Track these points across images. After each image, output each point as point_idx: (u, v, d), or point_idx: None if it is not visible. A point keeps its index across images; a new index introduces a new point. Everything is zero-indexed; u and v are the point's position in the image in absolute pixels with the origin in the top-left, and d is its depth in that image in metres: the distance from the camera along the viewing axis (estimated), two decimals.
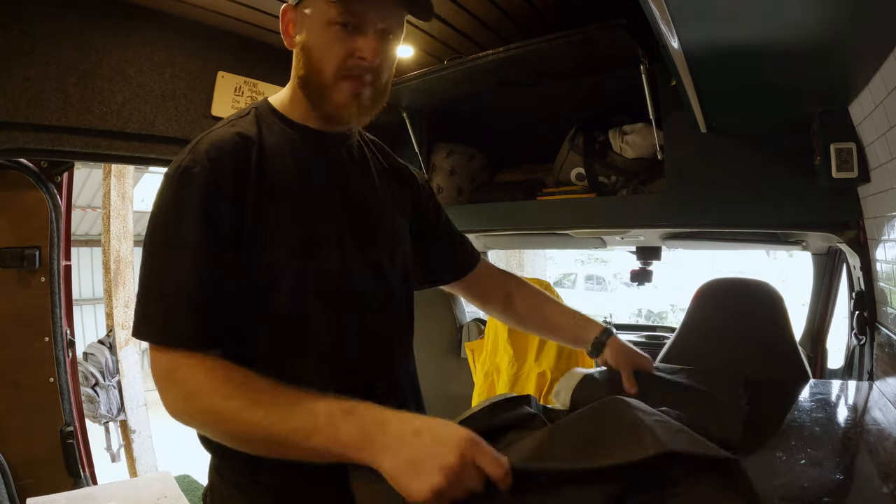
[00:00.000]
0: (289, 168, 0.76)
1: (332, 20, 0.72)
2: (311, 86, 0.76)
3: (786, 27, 0.88)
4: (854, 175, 1.19)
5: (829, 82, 1.14)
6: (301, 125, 0.80)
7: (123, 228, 4.08)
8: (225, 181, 0.70)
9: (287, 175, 0.75)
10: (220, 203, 0.69)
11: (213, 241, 0.68)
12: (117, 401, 3.73)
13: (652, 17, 0.81)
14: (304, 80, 0.77)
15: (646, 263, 2.18)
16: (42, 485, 1.61)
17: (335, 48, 0.73)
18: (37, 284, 1.68)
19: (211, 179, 0.69)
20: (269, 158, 0.74)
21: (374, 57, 0.74)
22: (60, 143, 1.30)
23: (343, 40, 0.73)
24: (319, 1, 0.73)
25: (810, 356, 1.91)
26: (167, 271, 0.67)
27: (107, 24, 1.31)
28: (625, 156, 1.65)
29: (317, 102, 0.77)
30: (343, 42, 0.73)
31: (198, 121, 1.49)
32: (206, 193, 0.68)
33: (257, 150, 0.74)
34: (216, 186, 0.69)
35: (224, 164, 0.70)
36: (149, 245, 0.69)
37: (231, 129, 0.75)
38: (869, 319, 1.31)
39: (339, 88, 0.75)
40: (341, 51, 0.73)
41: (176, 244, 0.67)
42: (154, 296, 0.68)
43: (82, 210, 6.94)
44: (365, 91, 0.76)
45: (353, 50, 0.73)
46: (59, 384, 1.70)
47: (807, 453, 0.85)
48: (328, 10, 0.72)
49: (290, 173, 0.76)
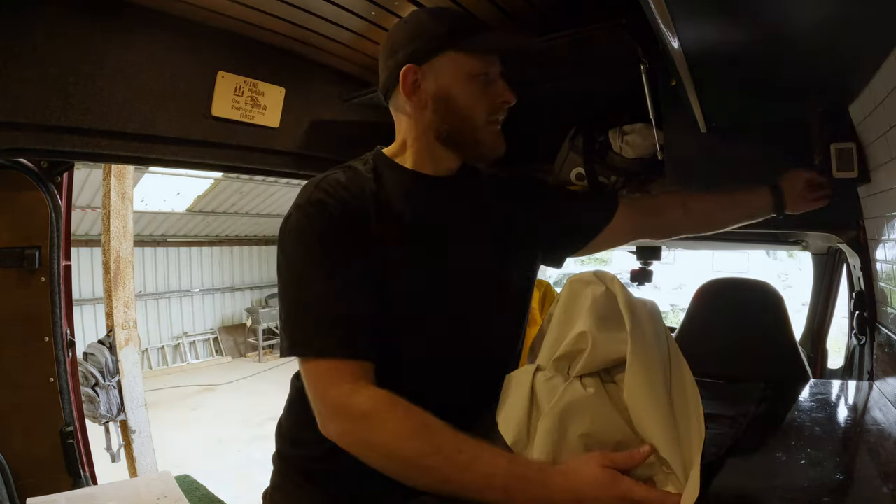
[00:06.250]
0: (408, 210, 0.81)
1: (475, 72, 0.81)
2: (460, 134, 0.84)
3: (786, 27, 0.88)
4: (854, 175, 1.19)
5: (829, 82, 1.14)
6: (415, 171, 0.86)
7: (123, 228, 4.07)
8: (354, 217, 0.76)
9: (406, 216, 0.81)
10: (356, 234, 0.75)
11: (357, 264, 0.75)
12: (117, 401, 3.72)
13: (652, 17, 0.81)
14: (452, 131, 0.83)
15: (646, 263, 2.18)
16: (42, 485, 1.61)
17: (485, 97, 0.82)
18: (37, 284, 1.68)
19: (345, 212, 0.75)
20: (390, 200, 0.80)
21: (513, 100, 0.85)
22: (60, 143, 1.30)
23: (487, 90, 0.82)
24: (458, 56, 0.80)
25: (810, 356, 1.91)
26: (324, 289, 0.73)
27: (107, 24, 1.30)
28: (625, 156, 1.65)
29: (468, 147, 0.85)
30: (487, 90, 0.82)
31: (198, 121, 1.49)
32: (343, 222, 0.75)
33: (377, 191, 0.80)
34: (350, 219, 0.76)
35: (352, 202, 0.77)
36: (295, 266, 0.75)
37: (350, 171, 0.82)
38: (869, 319, 1.31)
39: (489, 130, 0.84)
40: (489, 99, 0.83)
41: (323, 265, 0.73)
42: (319, 313, 0.72)
43: (82, 210, 6.94)
44: (499, 127, 0.86)
45: (497, 96, 0.83)
46: (59, 384, 1.70)
47: (807, 453, 0.85)
48: (471, 64, 0.81)
49: (408, 215, 0.81)
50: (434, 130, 0.84)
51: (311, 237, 0.74)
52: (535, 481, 0.63)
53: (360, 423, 0.68)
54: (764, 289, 1.49)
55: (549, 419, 0.74)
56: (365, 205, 0.77)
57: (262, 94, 1.56)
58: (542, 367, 0.79)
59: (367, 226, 0.76)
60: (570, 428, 0.73)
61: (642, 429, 0.69)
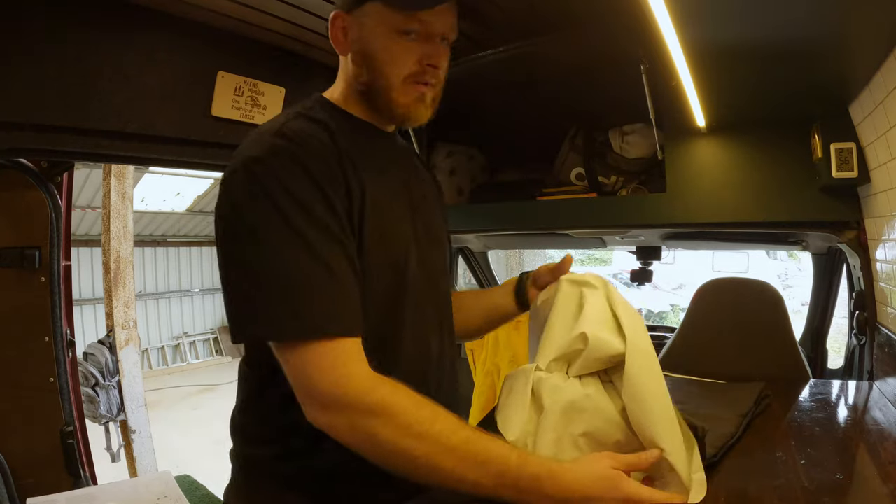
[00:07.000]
0: (367, 160, 0.75)
1: (399, 28, 0.74)
2: (375, 91, 0.78)
3: (786, 27, 0.88)
4: (854, 175, 1.19)
5: (829, 82, 1.14)
6: (363, 120, 0.81)
7: (123, 228, 4.07)
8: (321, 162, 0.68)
9: (367, 167, 0.74)
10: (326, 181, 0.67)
11: (338, 223, 0.67)
12: (117, 401, 3.72)
13: (652, 17, 0.81)
14: (368, 86, 0.78)
15: (646, 263, 2.18)
16: (42, 485, 1.60)
17: (405, 56, 0.75)
18: (37, 284, 1.68)
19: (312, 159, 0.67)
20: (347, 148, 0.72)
21: (444, 65, 0.79)
22: (60, 143, 1.30)
23: (411, 49, 0.75)
24: (383, 9, 0.74)
25: (810, 356, 1.91)
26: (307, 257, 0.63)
27: (107, 24, 1.30)
28: (625, 156, 1.65)
29: (382, 106, 0.79)
30: (411, 50, 0.75)
31: (198, 121, 1.49)
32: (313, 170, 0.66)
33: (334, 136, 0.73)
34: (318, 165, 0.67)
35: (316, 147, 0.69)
36: (266, 232, 0.63)
37: (303, 117, 0.74)
38: (869, 319, 1.31)
39: (406, 91, 0.77)
40: (411, 58, 0.75)
41: (304, 230, 0.63)
42: (298, 287, 0.63)
43: (82, 210, 6.94)
44: (429, 93, 0.79)
45: (422, 57, 0.76)
46: (59, 384, 1.70)
47: (807, 453, 0.85)
48: (391, 18, 0.74)
49: (370, 167, 0.75)
50: (356, 83, 0.79)
51: (282, 196, 0.63)
52: (546, 479, 0.62)
53: (368, 419, 0.62)
54: (764, 289, 1.49)
55: (551, 417, 0.75)
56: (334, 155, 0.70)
57: (262, 94, 1.56)
58: (541, 367, 0.80)
59: (341, 179, 0.69)
60: (571, 426, 0.74)
61: (646, 429, 0.69)
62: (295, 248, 0.63)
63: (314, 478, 0.73)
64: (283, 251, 0.63)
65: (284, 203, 0.64)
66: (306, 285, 0.63)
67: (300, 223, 0.64)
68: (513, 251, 6.51)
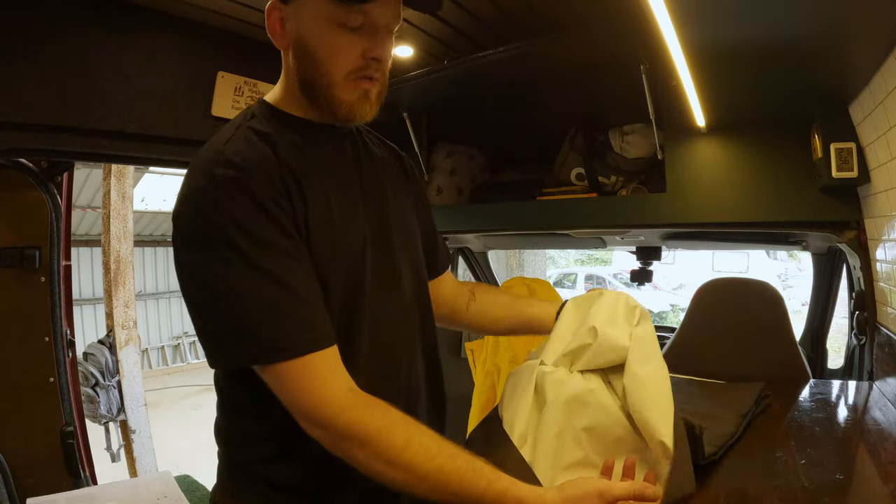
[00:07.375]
0: (311, 167, 0.73)
1: (338, 21, 0.69)
2: (316, 87, 0.73)
3: (786, 27, 0.88)
4: (854, 175, 1.19)
5: (829, 82, 1.14)
6: (305, 121, 0.77)
7: (123, 228, 4.07)
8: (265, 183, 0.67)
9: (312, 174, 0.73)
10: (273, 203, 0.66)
11: (291, 241, 0.67)
12: (117, 401, 3.72)
13: (652, 17, 0.81)
14: (308, 82, 0.74)
15: (646, 263, 2.18)
16: (42, 485, 1.60)
17: (346, 50, 0.70)
18: (37, 284, 1.68)
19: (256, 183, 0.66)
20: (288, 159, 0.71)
21: (387, 57, 0.74)
22: (60, 143, 1.30)
23: (353, 42, 0.70)
24: (322, 0, 0.69)
25: (810, 356, 1.91)
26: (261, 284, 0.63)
27: (107, 24, 1.30)
28: (625, 156, 1.65)
29: (323, 103, 0.74)
30: (354, 44, 0.70)
31: (198, 121, 1.49)
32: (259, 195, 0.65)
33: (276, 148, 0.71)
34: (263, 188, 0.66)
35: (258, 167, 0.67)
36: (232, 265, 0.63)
37: (244, 130, 0.72)
38: (869, 319, 1.31)
39: (349, 88, 0.73)
40: (353, 53, 0.71)
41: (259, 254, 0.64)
42: (265, 315, 0.63)
43: (82, 210, 6.94)
44: (374, 88, 0.75)
45: (365, 51, 0.71)
46: (59, 384, 1.70)
47: (807, 453, 0.85)
48: (332, 10, 0.69)
49: (314, 173, 0.73)
50: (296, 79, 0.75)
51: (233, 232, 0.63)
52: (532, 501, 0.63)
53: (343, 441, 0.64)
54: (764, 289, 1.49)
55: (554, 410, 0.75)
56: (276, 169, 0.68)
57: (262, 94, 1.55)
58: (546, 363, 0.81)
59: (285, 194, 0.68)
60: (574, 420, 0.74)
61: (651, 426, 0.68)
62: (255, 279, 0.63)
63: (300, 480, 0.73)
64: (243, 284, 0.63)
65: (238, 239, 0.63)
66: (272, 311, 0.63)
67: (257, 255, 0.63)
68: (513, 251, 6.51)
